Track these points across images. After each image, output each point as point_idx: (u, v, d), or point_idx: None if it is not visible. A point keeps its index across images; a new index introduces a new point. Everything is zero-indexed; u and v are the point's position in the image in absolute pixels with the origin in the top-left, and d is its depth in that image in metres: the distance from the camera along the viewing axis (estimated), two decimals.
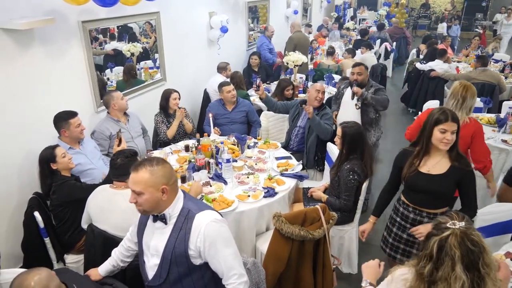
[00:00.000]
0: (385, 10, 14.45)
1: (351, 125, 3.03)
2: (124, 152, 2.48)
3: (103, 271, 2.14)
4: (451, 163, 2.29)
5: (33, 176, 3.10)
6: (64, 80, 3.44)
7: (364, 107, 3.97)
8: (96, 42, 3.93)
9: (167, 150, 3.72)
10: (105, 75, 4.11)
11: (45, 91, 3.26)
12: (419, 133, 2.37)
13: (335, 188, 3.06)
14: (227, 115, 4.28)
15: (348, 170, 2.94)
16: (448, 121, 2.18)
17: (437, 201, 2.38)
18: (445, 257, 1.36)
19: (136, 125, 3.85)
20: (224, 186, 3.05)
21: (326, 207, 2.60)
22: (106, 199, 2.38)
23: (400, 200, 2.57)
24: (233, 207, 2.76)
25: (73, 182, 2.84)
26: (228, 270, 1.81)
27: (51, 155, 2.83)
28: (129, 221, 2.28)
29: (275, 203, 2.93)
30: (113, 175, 2.45)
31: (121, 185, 2.41)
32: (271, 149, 3.72)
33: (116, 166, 2.41)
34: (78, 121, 3.12)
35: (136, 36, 4.47)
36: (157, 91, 4.51)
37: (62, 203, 2.78)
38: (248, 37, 7.52)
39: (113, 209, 2.34)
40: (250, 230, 2.87)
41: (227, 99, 4.25)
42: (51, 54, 3.28)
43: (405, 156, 2.44)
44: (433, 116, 2.24)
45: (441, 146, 2.22)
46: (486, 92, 5.71)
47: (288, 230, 2.40)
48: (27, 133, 3.13)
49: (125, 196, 2.31)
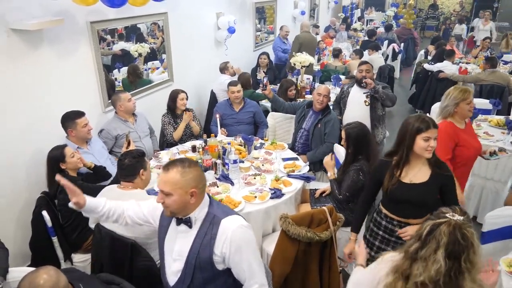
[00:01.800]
0: (393, 11, 14.38)
1: (354, 125, 3.02)
2: (132, 153, 2.49)
3: (88, 201, 2.00)
4: (431, 170, 2.25)
5: (41, 175, 3.11)
6: (73, 80, 3.47)
7: (373, 103, 4.00)
8: (104, 42, 3.96)
9: (174, 150, 3.73)
10: (112, 75, 4.13)
11: (53, 91, 3.28)
12: (397, 142, 2.30)
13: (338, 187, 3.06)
14: (234, 115, 4.28)
15: (356, 170, 2.92)
16: (430, 128, 2.15)
17: (422, 210, 2.27)
18: (432, 240, 1.44)
19: (143, 125, 3.87)
20: (231, 187, 3.05)
21: (333, 208, 2.58)
22: (114, 198, 2.38)
23: (381, 213, 2.44)
24: (239, 208, 2.75)
25: (80, 182, 2.85)
26: (250, 277, 1.78)
27: (60, 155, 2.85)
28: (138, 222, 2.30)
29: (282, 204, 2.92)
30: (121, 176, 2.46)
31: (128, 185, 2.42)
32: (278, 150, 3.71)
33: (124, 167, 2.42)
34: (85, 121, 3.13)
35: (144, 36, 4.49)
36: (165, 92, 4.53)
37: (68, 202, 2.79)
38: (255, 38, 7.52)
39: None
40: (257, 231, 2.86)
41: (231, 98, 4.25)
42: (59, 54, 3.31)
43: (384, 168, 2.34)
44: (413, 125, 2.19)
45: (426, 154, 2.18)
46: (495, 93, 5.65)
47: (295, 232, 2.39)
48: (36, 133, 3.16)
49: (132, 196, 2.33)
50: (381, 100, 3.97)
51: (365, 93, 4.03)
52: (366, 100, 4.00)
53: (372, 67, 4.16)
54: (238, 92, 4.21)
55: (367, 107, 4.05)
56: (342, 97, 4.32)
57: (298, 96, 5.50)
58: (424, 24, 16.92)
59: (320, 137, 3.88)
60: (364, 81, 3.92)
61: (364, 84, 3.94)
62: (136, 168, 2.43)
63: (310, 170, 3.83)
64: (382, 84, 4.07)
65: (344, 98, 4.28)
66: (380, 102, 4.01)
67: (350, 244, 2.51)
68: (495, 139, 4.02)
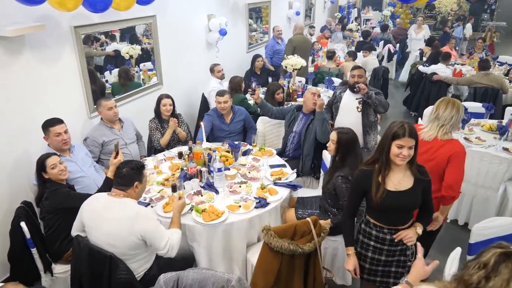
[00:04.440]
0: (389, 11, 14.32)
1: (346, 131, 2.96)
2: (132, 163, 2.46)
3: None
4: (414, 175, 2.24)
5: (23, 184, 3.07)
6: (57, 86, 3.41)
7: (365, 109, 3.95)
8: (97, 42, 3.91)
9: (160, 156, 3.67)
10: (103, 77, 4.08)
11: (36, 98, 3.22)
12: (378, 148, 2.26)
13: (331, 197, 2.98)
14: (226, 127, 4.16)
15: (342, 178, 2.86)
16: (405, 136, 2.11)
17: (409, 215, 2.34)
18: (504, 269, 1.29)
19: (130, 131, 3.81)
20: (215, 195, 3.00)
21: (318, 219, 2.53)
22: (103, 206, 2.35)
23: (370, 223, 2.39)
24: (223, 218, 2.70)
25: (67, 190, 2.81)
26: None
27: (41, 165, 2.79)
28: (123, 231, 2.27)
29: (266, 213, 2.86)
30: (115, 183, 2.43)
31: (120, 193, 2.39)
32: (266, 156, 3.66)
33: (121, 175, 2.39)
34: (58, 130, 3.02)
35: (138, 37, 4.44)
36: (154, 95, 4.46)
37: (53, 209, 2.74)
38: (249, 39, 7.45)
39: (108, 216, 2.30)
40: (241, 241, 2.81)
41: (218, 109, 4.08)
42: (43, 60, 3.25)
43: (367, 177, 2.28)
44: (392, 129, 2.17)
45: (398, 161, 2.15)
46: (489, 97, 5.61)
47: (277, 244, 2.34)
48: (18, 142, 3.10)
49: (123, 205, 2.33)
50: (373, 106, 3.92)
51: (357, 99, 3.98)
52: (359, 106, 3.94)
53: (365, 72, 4.10)
54: (225, 103, 4.00)
55: (359, 113, 3.99)
56: (334, 102, 4.25)
57: (290, 99, 5.45)
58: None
59: (313, 138, 3.83)
60: (357, 86, 3.85)
61: (357, 89, 3.88)
62: (132, 179, 2.40)
63: (298, 175, 3.78)
64: (375, 90, 4.01)
65: (336, 103, 4.20)
66: (372, 108, 3.96)
67: (352, 260, 2.42)
68: (487, 144, 3.96)
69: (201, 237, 2.71)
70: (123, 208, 2.31)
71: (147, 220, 2.32)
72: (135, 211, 2.31)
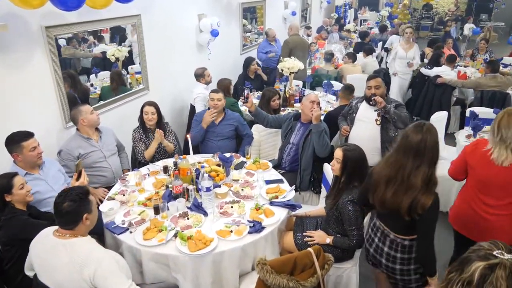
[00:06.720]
0: (387, 11, 14.05)
1: (353, 148, 2.62)
2: (71, 194, 1.96)
3: None
4: None
5: None
6: (27, 93, 3.04)
7: (385, 124, 3.54)
8: (85, 43, 3.62)
9: (144, 171, 3.29)
10: (89, 81, 3.75)
11: (3, 108, 2.85)
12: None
13: (337, 223, 2.63)
14: (213, 128, 3.83)
15: (350, 202, 2.52)
16: None
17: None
18: (489, 286, 1.24)
19: (110, 142, 3.44)
20: (204, 218, 2.64)
21: (321, 249, 2.19)
22: (47, 250, 1.94)
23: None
24: (211, 247, 2.34)
25: (25, 218, 2.41)
26: None
27: (7, 185, 2.41)
28: (72, 280, 1.87)
29: (262, 239, 2.50)
30: (59, 223, 1.98)
31: (66, 233, 1.95)
32: (261, 170, 3.30)
33: (63, 213, 1.93)
34: (33, 143, 2.68)
35: (127, 37, 4.12)
36: (139, 102, 4.08)
37: (9, 241, 2.37)
38: (243, 40, 7.10)
39: (54, 263, 1.90)
40: (233, 272, 2.44)
41: (210, 106, 3.77)
42: (9, 65, 2.88)
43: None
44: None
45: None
46: (497, 101, 5.30)
47: (274, 282, 2.01)
48: None
49: (70, 248, 1.89)
50: (392, 121, 3.49)
51: (376, 111, 3.56)
52: (378, 119, 3.53)
53: (382, 83, 3.62)
54: (218, 101, 3.73)
55: (378, 126, 3.57)
56: (350, 113, 3.80)
57: (287, 105, 5.10)
58: (418, 24, 16.59)
59: (311, 151, 3.48)
60: (373, 99, 3.46)
61: (373, 102, 3.49)
62: (78, 214, 1.94)
63: (297, 191, 3.42)
64: (396, 101, 3.62)
65: (352, 114, 3.76)
66: (391, 123, 3.55)
67: None
68: None
69: (187, 268, 2.34)
70: (70, 252, 1.88)
71: (98, 265, 1.87)
72: (84, 255, 1.89)
